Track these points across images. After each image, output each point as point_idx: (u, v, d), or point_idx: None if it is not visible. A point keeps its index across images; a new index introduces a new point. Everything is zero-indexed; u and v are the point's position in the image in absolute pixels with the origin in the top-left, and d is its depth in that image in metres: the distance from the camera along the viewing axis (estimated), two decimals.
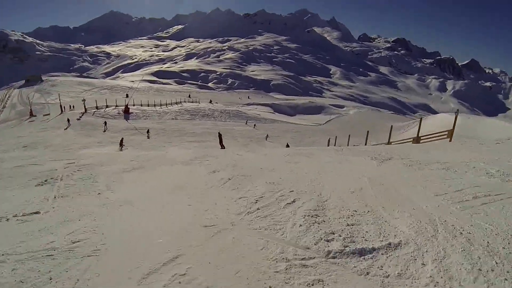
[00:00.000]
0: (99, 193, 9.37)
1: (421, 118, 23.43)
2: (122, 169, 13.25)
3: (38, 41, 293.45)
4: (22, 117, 48.48)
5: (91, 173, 12.41)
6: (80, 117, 45.07)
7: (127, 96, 73.32)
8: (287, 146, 39.50)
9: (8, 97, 70.35)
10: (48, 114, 48.55)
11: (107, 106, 53.52)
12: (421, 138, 20.90)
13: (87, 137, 33.65)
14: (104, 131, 38.03)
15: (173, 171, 12.42)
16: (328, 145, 36.94)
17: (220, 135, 28.75)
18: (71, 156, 18.99)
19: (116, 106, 54.31)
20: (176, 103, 68.79)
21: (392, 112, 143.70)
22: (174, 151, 20.40)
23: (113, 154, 21.33)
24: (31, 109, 51.35)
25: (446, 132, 19.33)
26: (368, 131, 28.77)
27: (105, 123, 40.03)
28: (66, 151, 23.89)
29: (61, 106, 51.55)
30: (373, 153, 11.51)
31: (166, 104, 64.51)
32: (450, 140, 18.40)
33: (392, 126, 26.43)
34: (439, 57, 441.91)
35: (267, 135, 46.71)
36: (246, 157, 13.96)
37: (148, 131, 38.35)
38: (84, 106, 49.79)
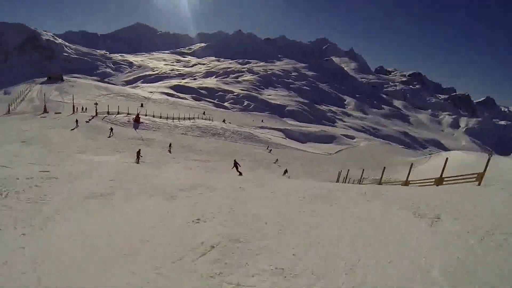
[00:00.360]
0: (22, 234, 7.49)
1: (447, 158, 20.59)
2: (87, 194, 11.47)
3: (66, 43, 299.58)
4: (36, 112, 48.11)
5: (45, 195, 10.85)
6: (90, 120, 44.54)
7: (142, 105, 73.09)
8: (285, 172, 38.80)
9: (29, 91, 70.65)
10: (60, 113, 48.15)
11: (118, 113, 53.04)
12: (445, 179, 18.61)
13: (90, 140, 33.05)
14: (109, 136, 37.37)
15: (144, 211, 10.27)
16: (338, 178, 35.90)
17: (235, 162, 27.12)
18: (60, 160, 18.74)
19: (128, 114, 53.84)
20: (189, 118, 68.03)
21: (402, 146, 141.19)
22: (169, 172, 19.81)
23: (104, 163, 20.61)
24: (45, 105, 51.19)
25: (476, 175, 16.38)
26: (384, 167, 27.22)
27: (111, 129, 39.37)
28: (60, 152, 23.49)
29: (73, 106, 51.30)
30: (410, 204, 9.17)
31: (179, 118, 63.75)
32: (479, 184, 15.77)
33: (412, 164, 24.61)
34: (454, 94, 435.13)
35: (277, 159, 45.58)
36: (249, 195, 12.50)
37: (170, 145, 38.01)
38: (96, 110, 49.41)
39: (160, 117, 59.40)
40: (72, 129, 37.11)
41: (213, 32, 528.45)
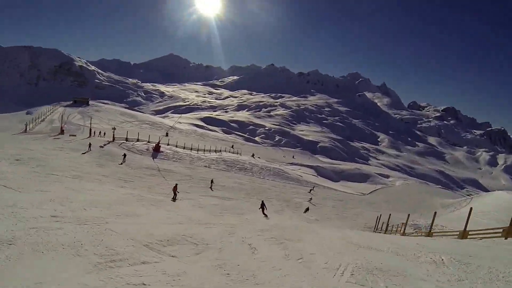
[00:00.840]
0: None
1: (471, 209, 17.88)
2: None
3: (99, 70, 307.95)
4: (52, 133, 45.85)
5: None
6: (105, 145, 41.36)
7: (166, 134, 69.81)
8: (307, 210, 35.93)
9: (51, 112, 69.06)
10: (75, 135, 45.93)
11: (138, 140, 49.54)
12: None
13: (97, 166, 29.55)
14: (121, 164, 33.76)
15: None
16: (377, 223, 32.23)
17: (262, 203, 24.42)
18: (40, 182, 17.55)
19: (148, 142, 50.24)
20: (215, 151, 64.10)
21: (439, 186, 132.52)
22: (165, 211, 17.21)
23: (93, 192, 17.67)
24: (61, 127, 49.40)
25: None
26: (435, 212, 23.92)
27: (124, 155, 35.97)
28: (49, 175, 21.00)
29: (90, 130, 48.94)
30: None
31: (204, 150, 59.63)
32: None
33: (471, 209, 19.92)
34: (490, 129, 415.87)
35: (311, 198, 39.81)
36: (263, 262, 9.19)
37: (212, 182, 34.53)
38: (113, 135, 46.06)
39: (184, 148, 55.30)
40: (83, 153, 34.33)
41: (246, 65, 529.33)
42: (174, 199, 22.62)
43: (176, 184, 24.56)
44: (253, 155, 77.98)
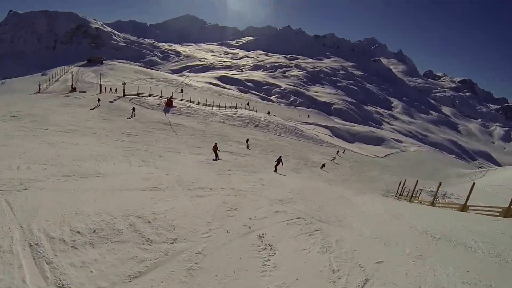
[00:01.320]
0: None
1: (473, 184, 16.40)
2: None
3: (115, 32, 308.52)
4: (64, 91, 44.60)
5: None
6: (114, 100, 39.84)
7: (181, 91, 68.28)
8: (323, 166, 36.11)
9: (66, 72, 68.09)
10: (85, 92, 44.69)
11: (150, 95, 48.06)
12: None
13: (103, 121, 28.19)
14: (129, 118, 32.36)
15: None
16: (400, 189, 29.94)
17: (279, 159, 23.73)
18: (18, 139, 15.91)
19: (161, 97, 48.73)
20: (231, 107, 62.62)
21: (453, 155, 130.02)
22: (145, 170, 13.56)
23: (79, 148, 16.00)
24: (72, 85, 48.13)
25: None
26: (440, 183, 22.11)
27: (133, 109, 34.68)
28: (37, 129, 19.84)
29: (101, 86, 47.55)
30: None
31: (219, 106, 58.13)
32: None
33: (474, 184, 18.61)
34: (506, 104, 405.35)
35: (324, 164, 38.48)
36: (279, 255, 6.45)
37: (248, 141, 35.22)
38: (123, 90, 44.60)
39: (198, 103, 53.75)
40: (91, 109, 32.94)
41: (262, 26, 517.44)
42: (216, 159, 21.71)
43: (216, 144, 23.46)
44: (268, 113, 77.25)
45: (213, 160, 21.16)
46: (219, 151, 22.86)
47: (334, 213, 10.21)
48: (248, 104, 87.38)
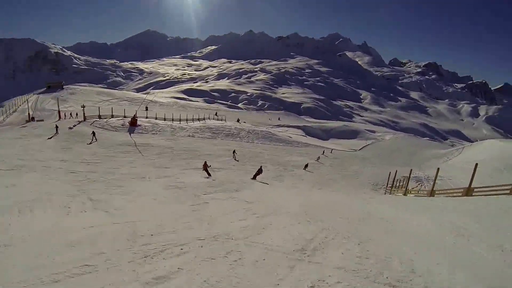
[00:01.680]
0: None
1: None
2: None
3: (75, 55, 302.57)
4: (22, 122, 41.76)
5: None
6: (74, 126, 37.32)
7: (146, 109, 66.13)
8: (306, 166, 35.25)
9: (24, 102, 64.72)
10: (42, 120, 42.14)
11: (112, 116, 45.87)
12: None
13: (61, 150, 25.71)
14: (90, 143, 30.11)
15: None
16: (392, 181, 29.03)
17: (260, 169, 23.95)
18: None
19: (124, 117, 46.57)
20: (199, 119, 60.99)
21: (428, 138, 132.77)
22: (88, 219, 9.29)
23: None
24: (28, 114, 45.53)
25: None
26: (411, 170, 25.17)
27: (93, 133, 32.30)
28: None
29: (59, 112, 44.94)
30: None
31: (186, 120, 56.37)
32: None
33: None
34: (471, 82, 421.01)
35: (319, 157, 37.45)
36: None
37: (234, 152, 34.72)
38: (84, 114, 42.32)
39: (165, 119, 51.85)
40: (49, 138, 30.39)
41: (224, 34, 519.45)
42: (208, 177, 21.39)
43: (205, 161, 23.50)
44: (238, 120, 76.18)
45: (205, 178, 20.74)
46: (209, 166, 22.86)
47: (387, 251, 6.51)
48: (216, 114, 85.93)
